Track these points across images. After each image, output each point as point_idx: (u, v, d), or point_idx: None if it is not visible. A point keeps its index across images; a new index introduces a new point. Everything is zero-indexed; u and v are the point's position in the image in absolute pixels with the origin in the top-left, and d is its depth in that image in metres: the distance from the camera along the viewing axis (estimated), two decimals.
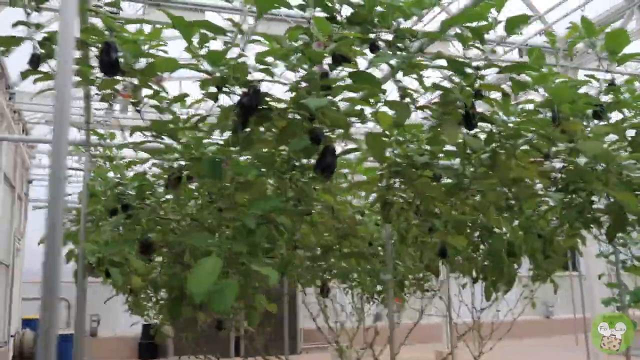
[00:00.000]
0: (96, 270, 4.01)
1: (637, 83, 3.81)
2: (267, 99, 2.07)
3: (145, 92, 2.17)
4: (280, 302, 11.45)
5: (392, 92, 2.39)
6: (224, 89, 2.01)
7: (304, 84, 2.06)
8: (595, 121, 2.46)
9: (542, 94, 2.57)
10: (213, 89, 2.02)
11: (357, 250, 3.63)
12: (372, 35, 2.19)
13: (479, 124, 2.41)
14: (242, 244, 1.73)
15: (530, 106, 2.54)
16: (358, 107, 2.15)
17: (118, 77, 1.96)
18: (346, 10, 2.27)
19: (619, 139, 3.30)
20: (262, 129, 2.20)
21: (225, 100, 2.14)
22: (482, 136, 2.44)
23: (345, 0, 2.18)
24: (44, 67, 2.00)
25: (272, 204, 1.90)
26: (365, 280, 7.21)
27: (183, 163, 2.53)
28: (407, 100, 2.11)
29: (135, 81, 1.87)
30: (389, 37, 2.25)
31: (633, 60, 8.01)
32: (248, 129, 2.08)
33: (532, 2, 6.63)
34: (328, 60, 2.07)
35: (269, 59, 1.99)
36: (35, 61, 1.93)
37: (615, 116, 3.32)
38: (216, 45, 2.15)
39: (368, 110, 2.24)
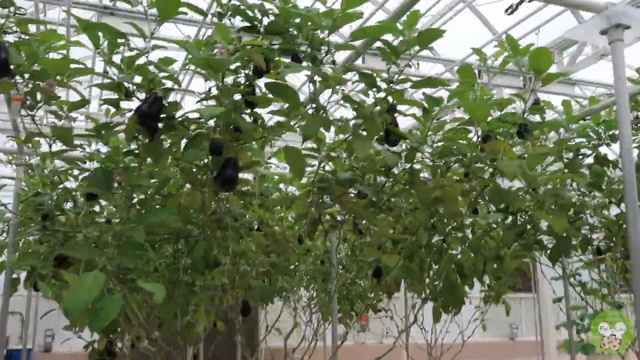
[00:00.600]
0: (25, 283, 3.86)
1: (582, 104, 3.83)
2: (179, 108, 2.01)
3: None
4: (249, 318, 11.25)
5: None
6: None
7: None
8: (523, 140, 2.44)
9: None
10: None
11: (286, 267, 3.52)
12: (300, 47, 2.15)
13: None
14: (130, 259, 1.64)
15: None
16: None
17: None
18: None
19: (555, 159, 3.31)
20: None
21: None
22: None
23: (264, 10, 2.13)
24: None
25: (163, 217, 1.81)
26: (323, 299, 7.12)
27: None
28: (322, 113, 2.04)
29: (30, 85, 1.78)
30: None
31: (592, 84, 7.99)
32: (161, 138, 2.01)
33: (491, 24, 6.69)
34: None
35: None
36: None
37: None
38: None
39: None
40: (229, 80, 2.09)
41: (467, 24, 6.68)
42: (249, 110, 2.12)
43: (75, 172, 2.59)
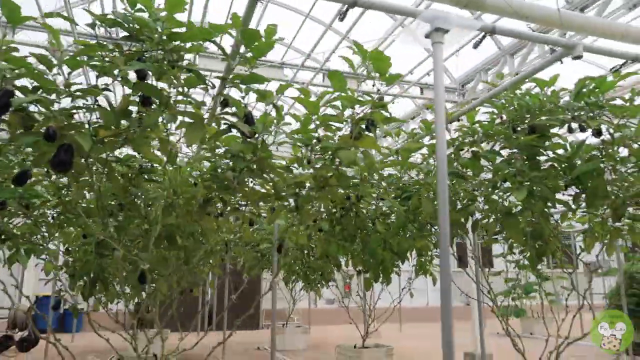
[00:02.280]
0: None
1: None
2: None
3: None
4: (254, 287, 11.24)
5: None
6: None
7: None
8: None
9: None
10: None
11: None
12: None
13: None
14: None
15: None
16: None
17: None
18: None
19: (429, 154, 3.05)
20: None
21: None
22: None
23: (140, 21, 1.91)
24: None
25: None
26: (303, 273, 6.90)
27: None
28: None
29: None
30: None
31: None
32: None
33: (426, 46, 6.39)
34: None
35: None
36: None
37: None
38: None
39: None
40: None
41: (405, 46, 6.39)
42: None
43: None
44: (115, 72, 1.87)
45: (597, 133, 2.64)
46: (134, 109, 1.92)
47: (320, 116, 2.01)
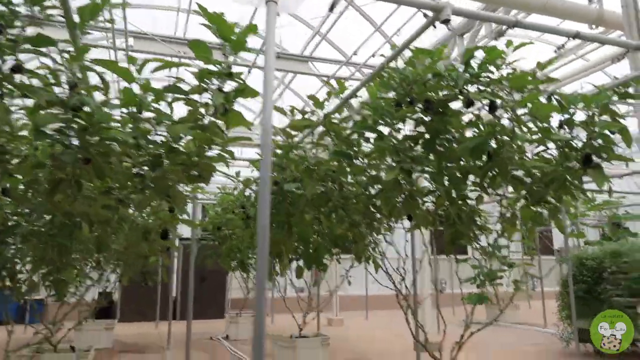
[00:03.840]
0: None
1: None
2: None
3: None
4: (221, 277, 11.06)
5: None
6: None
7: None
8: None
9: None
10: None
11: None
12: None
13: None
14: None
15: None
16: None
17: None
18: None
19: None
20: None
21: None
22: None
23: None
24: None
25: None
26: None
27: None
28: None
29: None
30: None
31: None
32: None
33: (371, 17, 6.14)
34: None
35: None
36: None
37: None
38: None
39: None
40: None
41: (352, 21, 6.13)
42: None
43: None
44: None
45: (491, 108, 2.45)
46: None
47: (143, 85, 1.80)
